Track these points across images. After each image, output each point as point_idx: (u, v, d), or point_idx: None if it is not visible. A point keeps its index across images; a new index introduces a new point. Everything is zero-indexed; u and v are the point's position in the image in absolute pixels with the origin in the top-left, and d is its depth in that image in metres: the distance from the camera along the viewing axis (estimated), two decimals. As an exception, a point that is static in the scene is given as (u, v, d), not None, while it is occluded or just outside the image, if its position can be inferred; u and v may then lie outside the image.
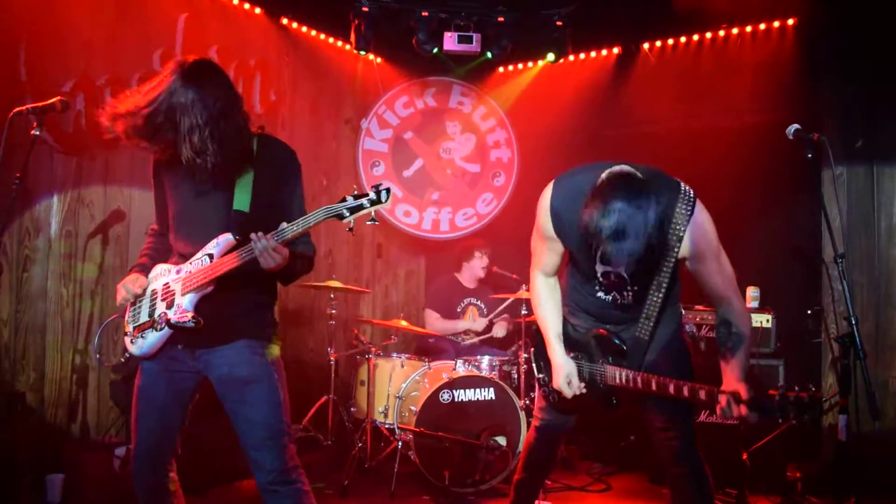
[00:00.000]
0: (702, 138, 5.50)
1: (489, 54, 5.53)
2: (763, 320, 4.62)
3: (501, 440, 4.52)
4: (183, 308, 2.45)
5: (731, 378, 2.46)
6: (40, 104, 2.99)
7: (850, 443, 2.84)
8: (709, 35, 5.57)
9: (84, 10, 4.39)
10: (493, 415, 4.56)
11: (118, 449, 4.14)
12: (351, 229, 2.32)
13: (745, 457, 4.35)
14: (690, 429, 2.76)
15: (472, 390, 4.58)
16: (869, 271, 4.67)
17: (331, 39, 6.04)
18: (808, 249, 5.03)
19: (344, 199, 2.28)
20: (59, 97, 3.04)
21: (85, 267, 4.48)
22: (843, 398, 2.87)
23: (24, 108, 2.93)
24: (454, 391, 4.54)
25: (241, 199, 2.49)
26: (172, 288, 2.50)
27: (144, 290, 2.59)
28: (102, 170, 4.59)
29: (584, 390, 2.84)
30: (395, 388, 4.82)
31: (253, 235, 2.32)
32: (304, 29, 5.79)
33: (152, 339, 2.51)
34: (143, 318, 2.56)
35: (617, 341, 2.76)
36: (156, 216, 2.76)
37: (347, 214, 2.27)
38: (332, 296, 5.12)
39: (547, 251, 2.84)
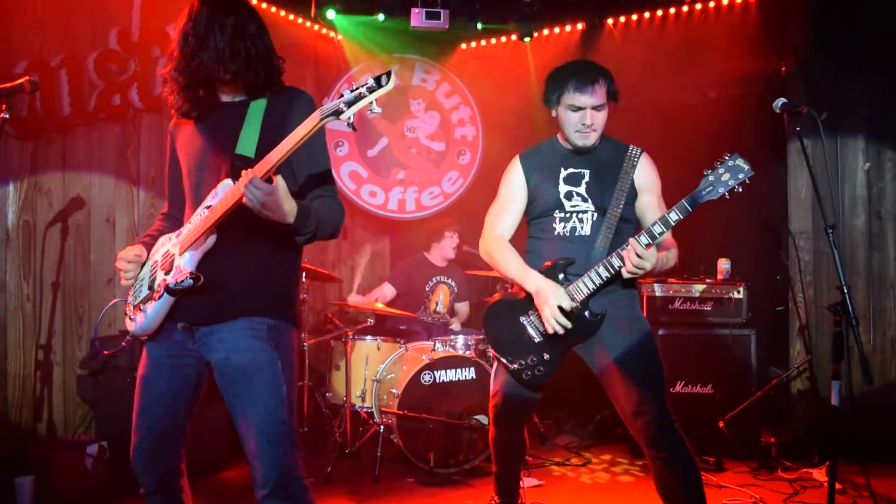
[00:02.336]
0: (667, 114, 5.56)
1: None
2: (735, 291, 4.71)
3: (483, 419, 4.51)
4: (181, 268, 2.18)
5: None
6: (8, 85, 2.81)
7: (841, 407, 2.91)
8: (672, 10, 5.61)
9: (36, -14, 4.16)
10: (475, 394, 4.54)
11: (90, 447, 3.97)
12: (352, 125, 2.02)
13: (721, 424, 4.46)
14: (665, 408, 2.69)
15: (454, 370, 4.56)
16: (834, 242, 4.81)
17: (291, 16, 5.85)
18: (773, 221, 5.16)
19: (341, 95, 1.98)
20: (27, 77, 2.88)
21: (45, 258, 4.27)
22: (836, 364, 2.93)
23: (-9, 90, 2.75)
24: (435, 372, 4.51)
25: (246, 143, 2.24)
26: (172, 252, 2.27)
27: (142, 262, 2.38)
28: (60, 155, 4.37)
29: (567, 323, 2.74)
30: (373, 371, 4.76)
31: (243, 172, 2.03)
32: (265, 5, 5.59)
33: (151, 312, 2.26)
34: (143, 293, 2.32)
35: (562, 261, 2.82)
36: (168, 194, 2.53)
37: (345, 108, 1.96)
38: (303, 279, 5.00)
39: (509, 207, 2.99)
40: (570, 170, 2.92)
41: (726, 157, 2.57)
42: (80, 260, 4.42)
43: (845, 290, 2.84)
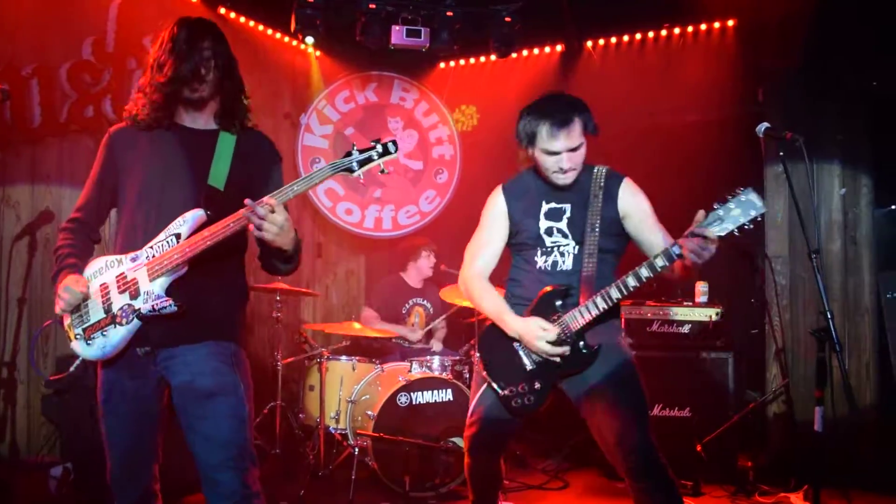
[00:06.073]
0: (644, 137, 5.58)
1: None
2: (713, 314, 4.71)
3: (459, 441, 4.45)
4: (155, 294, 2.20)
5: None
6: (-22, 94, 2.71)
7: (825, 433, 2.90)
8: (651, 34, 5.66)
9: (8, -7, 4.06)
10: (451, 416, 4.47)
11: (53, 469, 3.84)
12: (362, 182, 2.27)
13: (699, 448, 4.44)
14: (648, 438, 2.61)
15: (430, 392, 4.49)
16: (810, 266, 4.84)
17: (269, 31, 5.81)
18: (749, 245, 5.19)
19: (349, 154, 2.18)
20: (-1, 86, 2.78)
21: (11, 272, 4.13)
22: (819, 390, 2.93)
23: (-38, 98, 2.65)
24: (412, 394, 4.44)
25: (217, 175, 2.31)
26: (132, 277, 2.24)
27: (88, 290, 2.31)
28: (28, 166, 4.25)
29: (566, 348, 2.70)
30: (347, 392, 4.67)
31: (248, 201, 2.12)
32: (243, 19, 5.55)
33: (117, 336, 2.23)
34: (97, 316, 2.28)
35: (560, 286, 2.76)
36: (86, 200, 2.42)
37: (356, 168, 2.17)
38: (277, 298, 4.92)
39: (490, 240, 2.93)
40: (552, 204, 2.87)
41: (739, 191, 2.39)
42: (47, 275, 4.27)
43: (829, 316, 2.84)
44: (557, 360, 2.71)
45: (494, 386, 2.85)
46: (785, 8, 4.82)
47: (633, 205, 2.83)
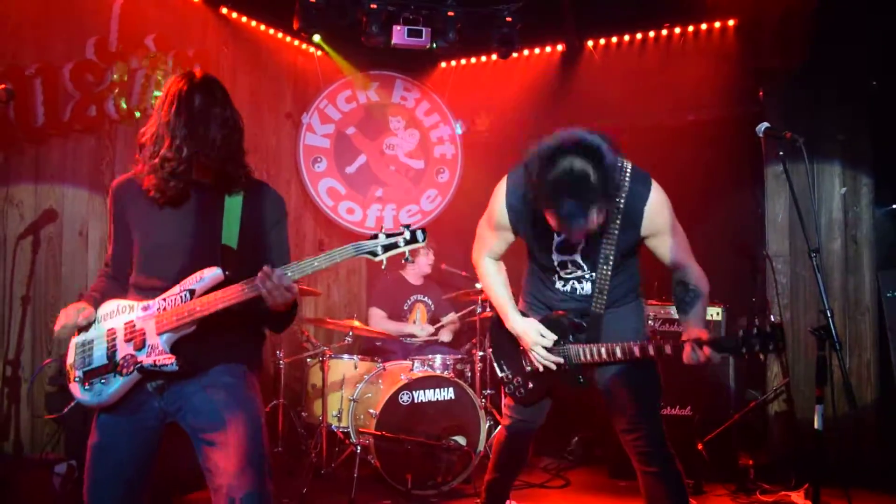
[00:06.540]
0: (645, 136, 5.59)
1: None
2: (714, 313, 4.72)
3: (461, 440, 4.48)
4: (160, 349, 2.15)
5: (692, 327, 2.60)
6: (-16, 94, 2.73)
7: (825, 432, 2.91)
8: (651, 34, 5.67)
9: (12, -7, 4.07)
10: (453, 414, 4.50)
11: (58, 466, 3.85)
12: (384, 267, 2.19)
13: (700, 447, 4.46)
14: (657, 426, 2.73)
15: (432, 391, 4.51)
16: (810, 265, 4.86)
17: (271, 31, 5.82)
18: (749, 244, 5.21)
19: (375, 236, 2.11)
20: (3, 86, 2.82)
21: (15, 271, 4.15)
22: (819, 388, 2.94)
23: (-33, 98, 2.67)
24: (413, 392, 4.46)
25: (230, 234, 2.27)
26: (140, 326, 2.20)
27: (89, 325, 2.27)
28: (32, 166, 4.26)
29: (560, 358, 2.78)
30: (350, 390, 4.69)
31: (266, 268, 2.09)
32: (245, 19, 5.56)
33: (115, 385, 2.18)
34: (99, 361, 2.23)
35: (576, 319, 2.80)
36: (111, 254, 2.42)
37: (380, 252, 2.11)
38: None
39: (497, 239, 2.92)
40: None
41: (767, 328, 2.41)
42: (51, 274, 4.30)
43: (829, 314, 2.85)
44: (552, 366, 2.78)
45: (495, 365, 3.02)
46: (785, 7, 4.83)
47: (658, 227, 2.67)
